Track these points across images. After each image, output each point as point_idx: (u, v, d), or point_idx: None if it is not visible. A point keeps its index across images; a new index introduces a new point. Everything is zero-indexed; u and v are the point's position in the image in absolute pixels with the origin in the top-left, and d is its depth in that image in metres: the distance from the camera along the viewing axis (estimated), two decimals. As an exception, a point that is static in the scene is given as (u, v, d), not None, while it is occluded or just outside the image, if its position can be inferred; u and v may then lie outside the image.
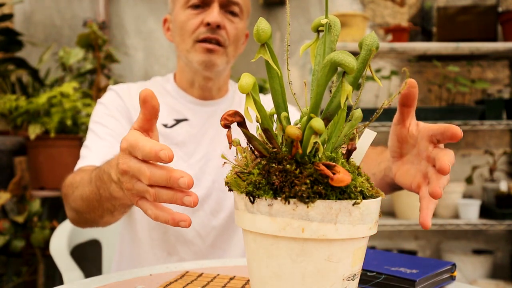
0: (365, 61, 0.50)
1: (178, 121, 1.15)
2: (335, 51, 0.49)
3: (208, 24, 1.08)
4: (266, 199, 0.47)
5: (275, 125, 0.54)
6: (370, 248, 0.80)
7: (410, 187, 0.70)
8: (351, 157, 0.54)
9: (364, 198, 0.49)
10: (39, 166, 2.11)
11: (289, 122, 0.52)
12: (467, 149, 2.63)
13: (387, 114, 2.18)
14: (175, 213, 0.56)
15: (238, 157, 0.54)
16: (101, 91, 2.25)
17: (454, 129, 0.61)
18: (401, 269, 0.70)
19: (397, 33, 2.37)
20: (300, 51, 0.55)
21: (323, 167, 0.46)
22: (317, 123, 0.45)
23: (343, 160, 0.51)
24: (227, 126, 0.51)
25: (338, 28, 0.53)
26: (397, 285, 0.67)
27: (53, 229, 2.06)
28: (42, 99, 1.99)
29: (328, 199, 0.46)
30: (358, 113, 0.55)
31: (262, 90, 2.30)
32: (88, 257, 2.24)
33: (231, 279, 0.73)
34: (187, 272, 0.77)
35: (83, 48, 2.27)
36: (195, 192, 1.12)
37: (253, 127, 0.53)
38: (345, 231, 0.47)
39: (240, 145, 0.55)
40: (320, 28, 0.55)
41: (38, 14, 2.65)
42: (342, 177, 0.45)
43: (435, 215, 2.40)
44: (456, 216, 2.38)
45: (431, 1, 2.45)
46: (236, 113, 0.51)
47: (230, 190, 0.53)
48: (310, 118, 0.47)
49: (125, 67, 2.65)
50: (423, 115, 2.26)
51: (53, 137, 2.03)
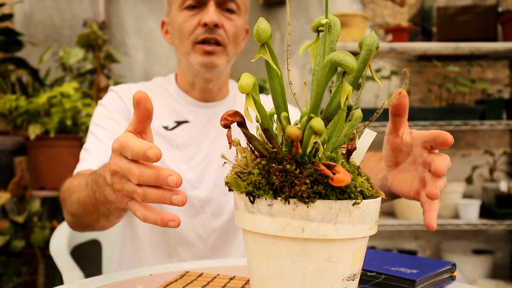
0: (365, 61, 0.50)
1: (179, 123, 1.15)
2: (335, 51, 0.49)
3: (205, 25, 1.07)
4: (266, 199, 0.47)
5: (275, 125, 0.54)
6: (370, 248, 0.80)
7: (409, 194, 0.70)
8: (351, 157, 0.54)
9: (364, 198, 0.49)
10: (39, 166, 2.11)
11: (289, 122, 0.52)
12: (467, 149, 2.63)
13: (387, 114, 2.18)
14: (163, 213, 0.56)
15: (238, 157, 0.54)
16: (101, 91, 2.25)
17: (445, 135, 0.62)
18: (401, 269, 0.70)
19: (397, 33, 2.37)
20: (300, 51, 0.55)
21: (323, 167, 0.46)
22: (317, 123, 0.45)
23: (343, 160, 0.51)
24: (227, 126, 0.51)
25: (338, 28, 0.53)
26: (397, 285, 0.67)
27: (53, 229, 2.06)
28: (42, 99, 1.99)
29: (328, 199, 0.46)
30: (358, 113, 0.55)
31: (262, 90, 2.30)
32: (88, 257, 2.24)
33: (231, 279, 0.73)
34: (187, 272, 0.77)
35: (83, 48, 2.27)
36: (196, 194, 1.12)
37: (253, 127, 0.53)
38: (345, 231, 0.47)
39: (240, 145, 0.55)
40: (320, 28, 0.55)
41: (38, 14, 2.65)
42: (342, 177, 0.45)
43: (435, 215, 2.40)
44: (456, 216, 2.37)
45: (431, 1, 2.45)
46: (236, 113, 0.51)
47: (230, 190, 0.53)
48: (310, 118, 0.47)
49: (125, 67, 2.65)
50: (423, 115, 2.25)
51: (53, 137, 2.03)
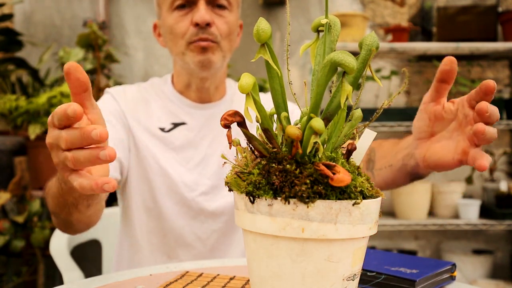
0: (365, 61, 0.50)
1: (176, 125, 1.13)
2: (335, 51, 0.49)
3: (197, 24, 1.06)
4: (266, 199, 0.47)
5: (275, 125, 0.54)
6: (370, 248, 0.80)
7: (452, 160, 0.71)
8: (351, 157, 0.54)
9: (364, 198, 0.49)
10: (39, 166, 2.11)
11: (289, 122, 0.52)
12: (467, 149, 2.62)
13: (387, 114, 2.18)
14: (98, 178, 0.55)
15: (238, 157, 0.54)
16: (101, 91, 2.25)
17: (486, 81, 0.63)
18: (401, 269, 0.70)
19: (397, 33, 2.37)
20: (300, 51, 0.55)
21: (323, 167, 0.46)
22: (317, 123, 0.45)
23: (343, 160, 0.51)
24: (227, 126, 0.51)
25: (338, 28, 0.53)
26: (397, 285, 0.67)
27: (53, 229, 2.05)
28: (42, 99, 1.99)
29: (328, 199, 0.46)
30: (358, 113, 0.55)
31: (262, 90, 2.30)
32: (88, 257, 2.24)
33: (231, 279, 0.73)
34: (187, 272, 0.77)
35: (83, 48, 2.27)
36: (194, 197, 1.11)
37: (253, 127, 0.53)
38: (345, 231, 0.47)
39: (240, 145, 0.55)
40: (320, 28, 0.55)
41: (38, 14, 2.65)
42: (342, 177, 0.45)
43: (435, 215, 2.40)
44: (456, 216, 2.37)
45: (431, 1, 2.45)
46: (236, 113, 0.51)
47: (230, 190, 0.53)
48: (310, 118, 0.47)
49: (125, 67, 2.65)
50: (423, 115, 2.25)
51: (53, 137, 2.03)
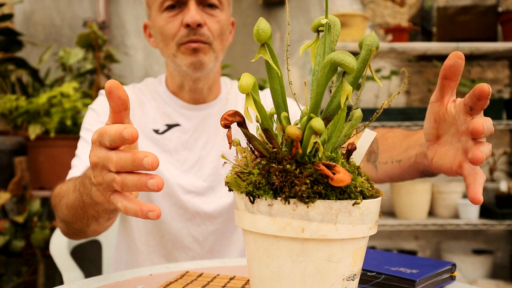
0: (365, 61, 0.50)
1: (170, 127, 1.12)
2: (335, 51, 0.49)
3: (187, 25, 1.04)
4: (266, 199, 0.47)
5: (275, 125, 0.54)
6: (370, 248, 0.80)
7: (451, 169, 0.65)
8: (351, 157, 0.54)
9: (364, 198, 0.49)
10: (39, 166, 2.11)
11: (289, 122, 0.52)
12: (467, 149, 2.62)
13: (387, 114, 2.18)
14: (143, 203, 0.55)
15: (238, 157, 0.54)
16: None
17: (480, 85, 0.56)
18: (401, 269, 0.70)
19: (397, 33, 2.37)
20: (300, 51, 0.55)
21: (323, 167, 0.46)
22: (317, 123, 0.45)
23: (343, 160, 0.51)
24: (227, 126, 0.51)
25: (338, 28, 0.53)
26: (397, 285, 0.67)
27: (53, 229, 2.06)
28: (42, 99, 1.99)
29: (328, 199, 0.46)
30: (358, 113, 0.55)
31: (262, 90, 2.30)
32: (88, 257, 2.24)
33: (231, 279, 0.73)
34: (187, 272, 0.77)
35: (83, 48, 2.27)
36: (189, 199, 1.10)
37: (253, 127, 0.53)
38: (345, 231, 0.47)
39: (240, 145, 0.55)
40: (320, 28, 0.55)
41: (38, 14, 2.65)
42: (342, 177, 0.45)
43: (435, 215, 2.40)
44: (456, 216, 2.37)
45: (431, 1, 2.45)
46: (236, 113, 0.51)
47: (230, 190, 0.53)
48: (310, 118, 0.47)
49: (125, 67, 2.65)
50: (423, 115, 2.25)
51: (53, 137, 2.03)
